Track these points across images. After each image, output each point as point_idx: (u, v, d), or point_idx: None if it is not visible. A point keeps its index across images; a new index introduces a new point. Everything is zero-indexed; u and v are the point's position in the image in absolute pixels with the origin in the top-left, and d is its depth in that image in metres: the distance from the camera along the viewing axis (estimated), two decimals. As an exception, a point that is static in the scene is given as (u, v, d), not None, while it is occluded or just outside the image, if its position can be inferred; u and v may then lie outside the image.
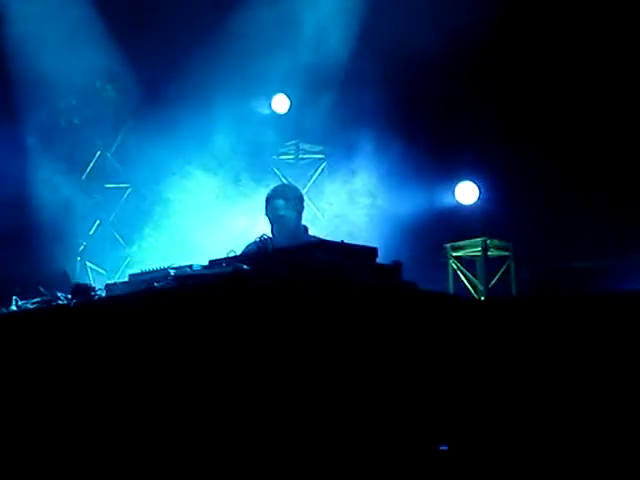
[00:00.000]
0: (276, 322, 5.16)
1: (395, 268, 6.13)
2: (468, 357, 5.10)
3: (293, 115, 10.53)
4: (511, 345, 5.01)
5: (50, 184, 9.72)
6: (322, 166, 11.21)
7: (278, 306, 5.22)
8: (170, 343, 5.51)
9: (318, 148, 11.10)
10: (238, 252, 6.07)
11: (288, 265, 5.46)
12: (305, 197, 8.90)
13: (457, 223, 10.08)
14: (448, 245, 10.22)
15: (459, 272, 10.17)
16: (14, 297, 6.53)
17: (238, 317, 5.26)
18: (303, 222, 8.56)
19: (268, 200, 8.41)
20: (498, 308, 5.30)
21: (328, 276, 5.52)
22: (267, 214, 8.37)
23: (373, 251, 6.18)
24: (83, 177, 10.57)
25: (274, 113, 10.72)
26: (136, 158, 10.16)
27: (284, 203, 8.33)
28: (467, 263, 10.25)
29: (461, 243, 10.22)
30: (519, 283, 9.76)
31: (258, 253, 5.59)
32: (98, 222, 10.30)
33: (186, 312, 5.57)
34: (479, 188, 10.26)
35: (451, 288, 9.97)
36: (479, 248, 10.04)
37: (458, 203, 10.30)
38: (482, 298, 9.64)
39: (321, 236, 8.30)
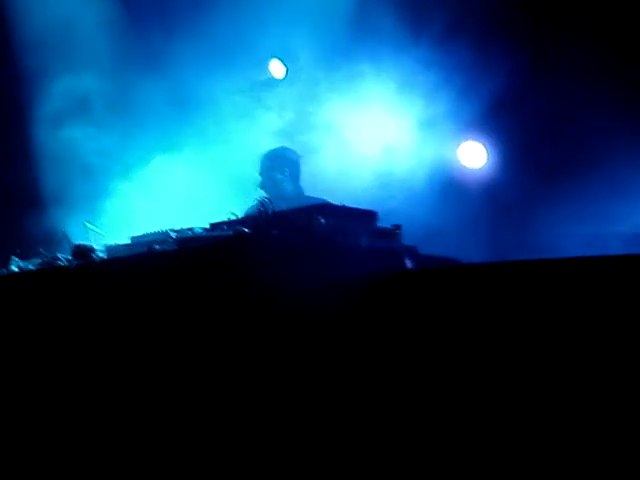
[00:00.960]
0: (277, 285, 5.16)
1: (394, 231, 6.15)
2: (471, 323, 5.10)
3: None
4: (515, 310, 5.00)
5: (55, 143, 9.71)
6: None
7: (279, 269, 5.22)
8: (170, 306, 5.52)
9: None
10: (239, 215, 6.05)
11: (289, 227, 5.46)
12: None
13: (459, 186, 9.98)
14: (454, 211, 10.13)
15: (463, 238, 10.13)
16: (13, 257, 6.52)
17: (239, 280, 5.26)
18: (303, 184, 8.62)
19: (261, 161, 8.56)
20: (503, 271, 5.27)
21: (329, 239, 5.53)
22: (260, 174, 8.49)
23: (373, 214, 6.19)
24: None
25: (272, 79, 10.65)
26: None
27: (269, 164, 8.48)
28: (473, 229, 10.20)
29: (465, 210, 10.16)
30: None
31: (259, 216, 5.57)
32: (103, 187, 10.29)
33: (186, 275, 5.57)
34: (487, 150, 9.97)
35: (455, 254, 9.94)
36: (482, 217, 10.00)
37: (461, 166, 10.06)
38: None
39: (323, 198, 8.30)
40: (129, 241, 6.34)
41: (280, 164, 8.56)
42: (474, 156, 9.82)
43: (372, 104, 9.40)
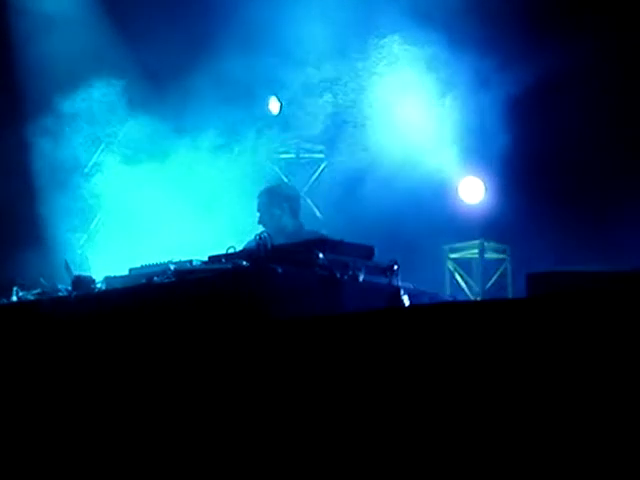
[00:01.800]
0: (275, 318, 5.22)
1: (391, 267, 6.21)
2: (464, 360, 5.14)
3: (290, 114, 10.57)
4: (508, 347, 5.05)
5: (53, 178, 9.77)
6: (322, 166, 11.26)
7: (277, 303, 5.28)
8: (168, 337, 5.57)
9: (319, 148, 11.14)
10: (238, 249, 6.12)
11: (287, 262, 5.52)
12: (304, 195, 8.99)
13: (455, 224, 10.10)
14: (446, 247, 10.27)
15: (456, 273, 10.23)
16: (15, 288, 6.59)
17: (237, 313, 5.32)
18: (301, 220, 8.68)
19: (259, 197, 8.62)
20: (493, 310, 5.33)
21: (327, 273, 5.59)
22: (258, 211, 8.55)
23: (370, 249, 6.27)
24: (86, 170, 10.61)
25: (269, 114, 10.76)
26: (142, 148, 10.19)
27: (267, 200, 8.54)
28: (464, 265, 10.30)
29: (458, 245, 10.28)
30: (515, 285, 9.82)
31: (258, 250, 5.64)
32: (99, 215, 10.35)
33: (185, 307, 5.63)
34: (485, 186, 10.10)
35: (447, 289, 10.03)
36: (476, 250, 10.10)
37: (459, 202, 10.17)
38: (477, 299, 9.70)
39: (321, 233, 8.39)
40: (128, 273, 6.41)
41: (278, 200, 8.62)
42: (474, 191, 9.98)
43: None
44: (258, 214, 8.63)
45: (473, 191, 10.12)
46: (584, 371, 4.71)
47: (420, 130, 9.65)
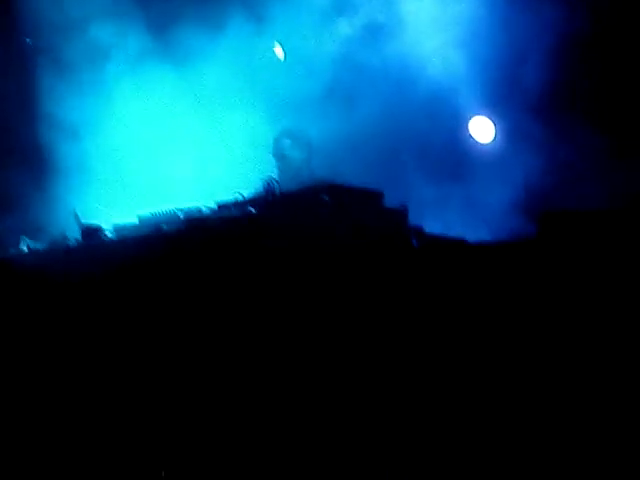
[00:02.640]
0: (283, 267, 5.21)
1: (401, 212, 6.17)
2: (476, 300, 5.15)
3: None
4: (516, 288, 5.04)
5: (59, 127, 9.72)
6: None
7: (284, 250, 5.27)
8: (177, 286, 5.57)
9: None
10: (246, 195, 6.08)
11: (293, 208, 5.50)
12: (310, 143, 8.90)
13: (466, 167, 10.00)
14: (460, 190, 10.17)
15: (468, 219, 10.16)
16: (23, 237, 6.58)
17: (245, 261, 5.32)
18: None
19: (275, 140, 8.48)
20: (507, 251, 5.31)
21: (334, 219, 5.56)
22: (273, 154, 8.43)
23: (379, 194, 6.22)
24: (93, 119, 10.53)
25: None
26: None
27: (290, 143, 8.40)
28: (475, 209, 10.22)
29: (471, 188, 10.18)
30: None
31: (265, 196, 5.60)
32: (111, 167, 10.31)
33: (194, 255, 5.63)
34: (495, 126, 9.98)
35: (462, 234, 9.96)
36: (488, 195, 10.02)
37: (470, 143, 10.05)
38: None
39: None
40: (137, 221, 6.38)
41: (299, 144, 8.48)
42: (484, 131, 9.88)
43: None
44: (275, 157, 8.46)
45: (484, 131, 10.01)
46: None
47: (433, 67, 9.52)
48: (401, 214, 6.13)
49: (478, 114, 9.91)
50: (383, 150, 9.64)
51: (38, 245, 6.59)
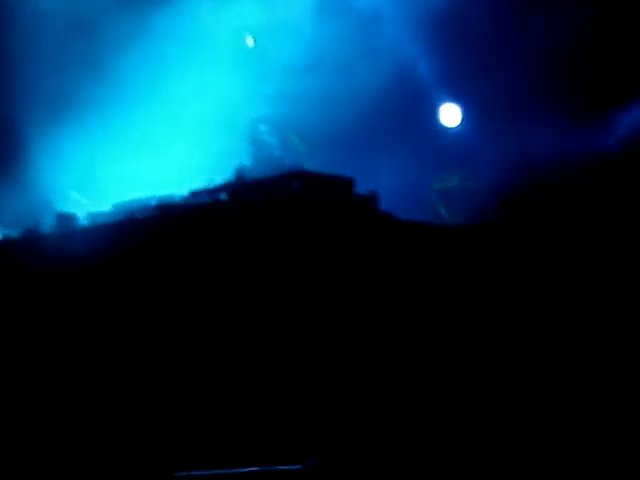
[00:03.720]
0: (253, 253, 5.29)
1: (371, 198, 6.26)
2: (449, 283, 5.24)
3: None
4: (480, 269, 5.14)
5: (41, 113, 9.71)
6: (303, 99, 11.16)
7: (252, 237, 5.34)
8: (150, 271, 5.64)
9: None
10: (217, 182, 6.15)
11: (264, 195, 5.57)
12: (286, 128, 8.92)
13: (436, 155, 10.09)
14: (430, 177, 10.27)
15: (438, 204, 10.26)
16: (-2, 225, 6.63)
17: (215, 246, 5.39)
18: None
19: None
20: (474, 234, 5.42)
21: (303, 205, 5.64)
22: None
23: (350, 181, 6.30)
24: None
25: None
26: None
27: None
28: (445, 194, 10.32)
29: (441, 176, 10.29)
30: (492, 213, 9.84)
31: (237, 183, 5.69)
32: (86, 155, 10.30)
33: (166, 241, 5.70)
34: (462, 111, 10.12)
35: (431, 219, 10.06)
36: (456, 180, 10.11)
37: (440, 127, 10.16)
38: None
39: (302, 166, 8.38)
40: (111, 208, 6.45)
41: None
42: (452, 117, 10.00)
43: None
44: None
45: (452, 117, 10.12)
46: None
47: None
48: (371, 200, 6.22)
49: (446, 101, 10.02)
50: (355, 137, 9.70)
51: (12, 232, 6.63)
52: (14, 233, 6.62)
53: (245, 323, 5.20)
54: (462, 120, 10.09)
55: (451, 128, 10.12)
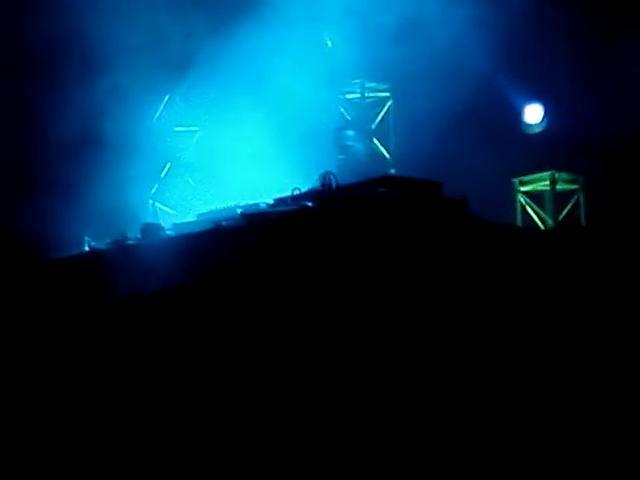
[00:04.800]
0: (339, 258, 5.22)
1: (461, 202, 6.14)
2: (539, 287, 5.11)
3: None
4: (582, 276, 5.00)
5: (120, 129, 9.80)
6: (388, 105, 11.07)
7: (339, 243, 5.27)
8: (236, 280, 5.61)
9: (384, 86, 10.95)
10: (303, 189, 6.10)
11: (351, 201, 5.50)
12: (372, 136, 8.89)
13: (523, 155, 9.91)
14: (516, 180, 10.09)
15: (527, 206, 10.07)
16: (86, 238, 6.69)
17: (302, 253, 5.33)
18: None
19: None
20: (568, 238, 5.27)
21: (390, 210, 5.55)
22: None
23: (437, 185, 6.20)
24: (153, 121, 10.61)
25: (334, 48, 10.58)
26: (202, 102, 10.18)
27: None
28: (535, 197, 10.13)
29: (528, 177, 10.10)
30: (588, 216, 9.63)
31: (322, 190, 5.62)
32: (169, 164, 10.37)
33: (252, 250, 5.65)
34: (545, 110, 9.97)
35: (519, 223, 9.88)
36: (547, 182, 9.91)
37: (524, 127, 10.01)
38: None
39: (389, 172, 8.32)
40: (196, 218, 6.45)
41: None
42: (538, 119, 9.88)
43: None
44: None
45: (537, 118, 9.96)
46: None
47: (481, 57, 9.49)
48: (460, 203, 6.10)
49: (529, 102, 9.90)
50: (441, 142, 9.60)
51: (100, 244, 6.68)
52: (102, 244, 6.66)
53: (337, 327, 5.13)
54: (545, 119, 9.93)
55: (536, 128, 9.96)
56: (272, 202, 6.11)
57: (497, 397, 5.00)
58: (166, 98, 10.70)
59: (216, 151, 9.61)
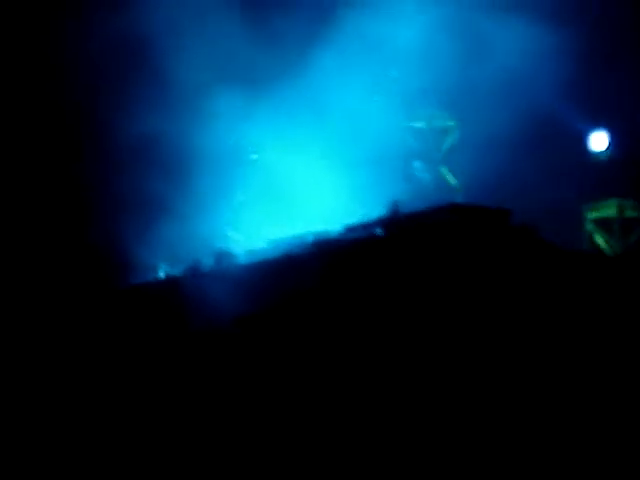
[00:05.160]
0: (409, 285, 5.28)
1: (530, 229, 6.16)
2: (608, 312, 5.14)
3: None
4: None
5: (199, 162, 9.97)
6: (455, 133, 11.11)
7: (410, 270, 5.33)
8: (311, 306, 5.69)
9: (451, 115, 11.00)
10: (373, 216, 6.18)
11: (420, 229, 5.56)
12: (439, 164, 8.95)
13: (590, 183, 9.89)
14: (584, 207, 10.07)
15: (595, 234, 10.04)
16: (160, 264, 6.82)
17: (373, 280, 5.40)
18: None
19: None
20: (636, 264, 5.29)
21: (458, 237, 5.60)
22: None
23: (506, 213, 6.21)
24: (226, 149, 10.74)
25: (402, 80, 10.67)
26: (275, 130, 10.31)
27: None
28: (603, 224, 10.09)
29: (596, 205, 10.07)
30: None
31: (391, 218, 5.70)
32: (241, 193, 10.49)
33: (324, 276, 5.74)
34: (611, 137, 9.96)
35: (588, 249, 9.85)
36: (615, 209, 9.88)
37: (590, 154, 10.01)
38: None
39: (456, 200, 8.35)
40: (268, 245, 6.54)
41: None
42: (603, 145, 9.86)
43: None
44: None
45: (603, 146, 9.95)
46: None
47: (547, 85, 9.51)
48: (528, 231, 6.12)
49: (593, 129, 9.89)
50: (508, 171, 9.62)
51: (174, 271, 6.80)
52: (176, 271, 6.79)
53: (408, 351, 5.20)
54: (611, 146, 9.90)
55: (602, 155, 9.94)
56: (342, 229, 6.19)
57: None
58: (239, 126, 10.84)
59: (287, 179, 9.73)
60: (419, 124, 11.12)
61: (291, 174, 9.77)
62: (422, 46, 9.94)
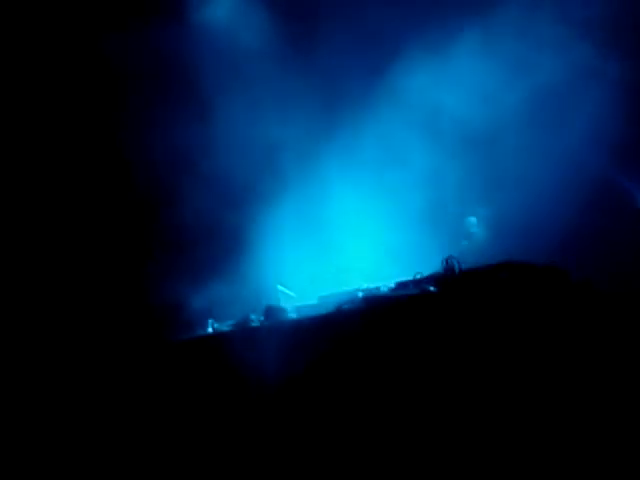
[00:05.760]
0: (462, 343, 5.18)
1: (586, 286, 6.02)
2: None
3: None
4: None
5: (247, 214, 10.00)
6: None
7: (464, 328, 5.23)
8: (358, 362, 5.61)
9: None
10: (425, 274, 6.09)
11: (474, 287, 5.46)
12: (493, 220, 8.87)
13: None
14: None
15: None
16: (210, 320, 6.81)
17: (425, 338, 5.31)
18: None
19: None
20: None
21: (512, 296, 5.49)
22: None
23: (563, 271, 6.08)
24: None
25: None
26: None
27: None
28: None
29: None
30: None
31: (445, 274, 5.60)
32: (292, 249, 10.49)
33: (374, 333, 5.66)
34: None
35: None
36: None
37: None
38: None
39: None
40: (318, 301, 6.49)
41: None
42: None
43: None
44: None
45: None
46: None
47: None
48: (586, 288, 5.99)
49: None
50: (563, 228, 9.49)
51: (223, 326, 6.78)
52: (225, 327, 6.76)
53: (453, 412, 5.08)
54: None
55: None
56: (394, 286, 6.10)
57: None
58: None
59: (340, 234, 9.70)
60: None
61: (344, 229, 9.75)
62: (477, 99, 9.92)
